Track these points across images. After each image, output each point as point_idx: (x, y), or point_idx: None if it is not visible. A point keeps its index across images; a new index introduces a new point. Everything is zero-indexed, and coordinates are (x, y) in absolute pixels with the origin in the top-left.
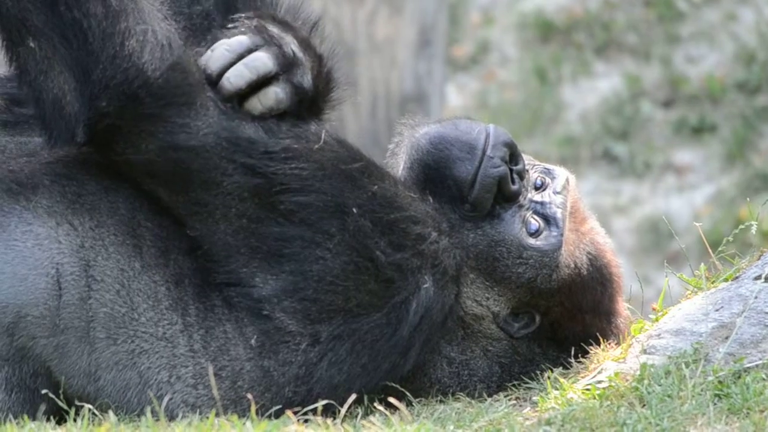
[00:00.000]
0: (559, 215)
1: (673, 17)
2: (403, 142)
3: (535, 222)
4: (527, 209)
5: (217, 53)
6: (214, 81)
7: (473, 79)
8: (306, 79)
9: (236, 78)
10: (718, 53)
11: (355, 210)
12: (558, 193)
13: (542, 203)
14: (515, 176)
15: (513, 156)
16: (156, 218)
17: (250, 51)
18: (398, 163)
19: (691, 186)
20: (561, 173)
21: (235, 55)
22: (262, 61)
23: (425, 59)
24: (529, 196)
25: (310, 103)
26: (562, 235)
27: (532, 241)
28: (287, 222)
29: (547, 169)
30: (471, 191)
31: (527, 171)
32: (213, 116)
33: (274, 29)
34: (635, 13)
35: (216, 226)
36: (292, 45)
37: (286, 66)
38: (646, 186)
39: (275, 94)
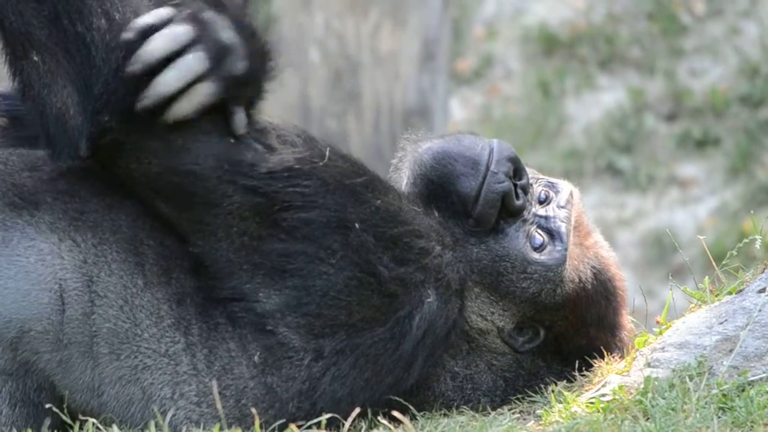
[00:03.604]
0: (563, 230)
1: (676, 31)
2: (407, 158)
3: (539, 237)
4: (531, 224)
5: (154, 45)
6: (148, 73)
7: (477, 92)
8: (238, 65)
9: (165, 86)
10: (722, 67)
11: (357, 225)
12: (562, 207)
13: (546, 217)
14: (519, 191)
15: (517, 171)
16: (158, 237)
17: (185, 47)
18: (401, 178)
19: (694, 199)
20: (565, 187)
21: (172, 49)
22: (193, 65)
23: (429, 73)
24: (533, 210)
25: (246, 82)
26: (566, 249)
27: (536, 255)
28: (290, 238)
29: (551, 183)
30: (475, 207)
31: (531, 185)
32: (214, 138)
33: (207, 14)
34: (639, 27)
35: (218, 243)
36: (224, 31)
37: (219, 57)
38: (650, 199)
39: (206, 89)
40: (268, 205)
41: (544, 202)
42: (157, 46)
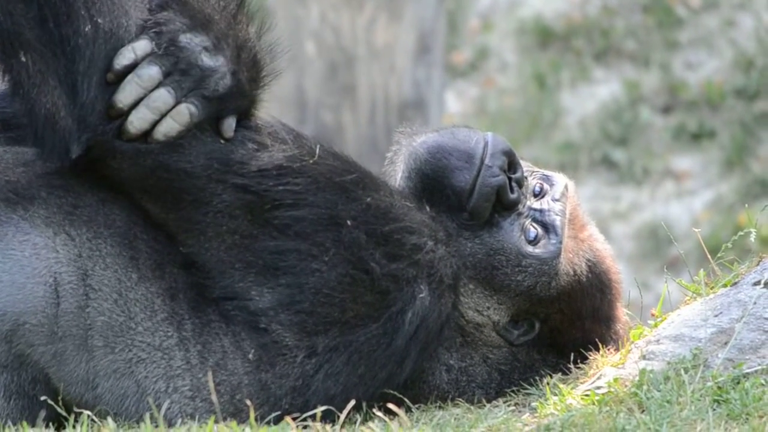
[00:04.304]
0: (557, 223)
1: (672, 23)
2: (401, 151)
3: (533, 230)
4: (526, 217)
5: (123, 95)
6: (125, 114)
7: (472, 85)
8: (221, 83)
9: (140, 122)
10: (717, 59)
11: (349, 222)
12: (557, 200)
13: (541, 211)
14: (514, 185)
15: (511, 164)
16: (152, 232)
17: (159, 83)
18: (396, 172)
19: (690, 192)
20: (560, 180)
21: (145, 91)
22: (163, 99)
23: (424, 65)
24: (528, 203)
25: (233, 96)
26: (560, 242)
27: (530, 249)
28: (282, 236)
29: (546, 176)
30: (469, 200)
31: (526, 178)
32: (206, 137)
33: (184, 38)
34: (634, 20)
35: (209, 243)
36: (202, 54)
37: (197, 81)
38: (645, 192)
39: (185, 111)
40: (258, 203)
41: (538, 195)
42: (125, 95)
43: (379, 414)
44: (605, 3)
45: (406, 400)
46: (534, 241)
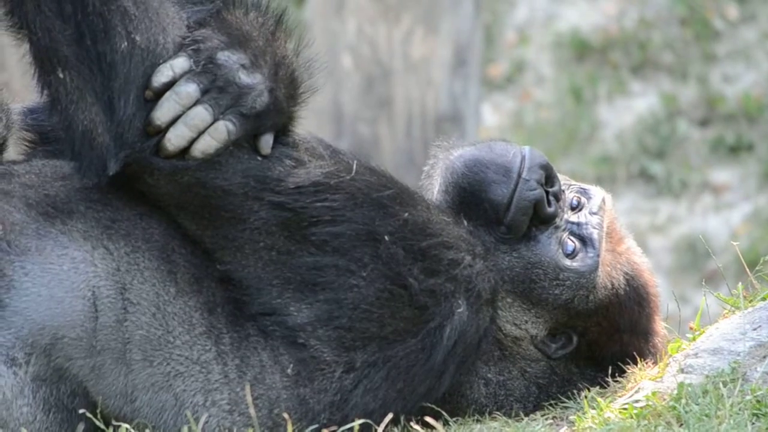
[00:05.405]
0: (595, 236)
1: (709, 36)
2: (438, 165)
3: (571, 243)
4: (563, 230)
5: (161, 112)
6: (162, 131)
7: (509, 98)
8: (259, 100)
9: (177, 139)
10: (755, 72)
11: (387, 237)
12: (594, 213)
13: (578, 224)
14: (551, 198)
15: (549, 178)
16: (189, 246)
17: (197, 101)
18: (433, 186)
19: (728, 205)
20: (597, 193)
21: (183, 108)
22: (201, 117)
23: (461, 79)
24: (566, 216)
25: (270, 113)
26: (598, 255)
27: (568, 262)
28: (319, 252)
29: (583, 189)
30: (507, 214)
31: (563, 191)
32: (243, 154)
33: (222, 56)
34: (671, 32)
35: (246, 260)
36: (239, 72)
37: (235, 98)
38: (683, 205)
39: (223, 128)
40: (295, 219)
41: (576, 208)
42: (163, 112)
43: (417, 428)
44: (642, 16)
45: (443, 413)
46: (572, 255)
